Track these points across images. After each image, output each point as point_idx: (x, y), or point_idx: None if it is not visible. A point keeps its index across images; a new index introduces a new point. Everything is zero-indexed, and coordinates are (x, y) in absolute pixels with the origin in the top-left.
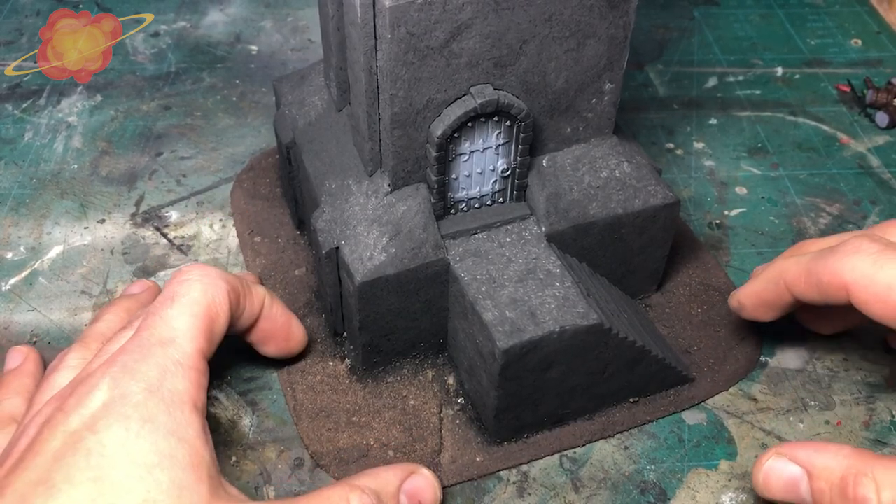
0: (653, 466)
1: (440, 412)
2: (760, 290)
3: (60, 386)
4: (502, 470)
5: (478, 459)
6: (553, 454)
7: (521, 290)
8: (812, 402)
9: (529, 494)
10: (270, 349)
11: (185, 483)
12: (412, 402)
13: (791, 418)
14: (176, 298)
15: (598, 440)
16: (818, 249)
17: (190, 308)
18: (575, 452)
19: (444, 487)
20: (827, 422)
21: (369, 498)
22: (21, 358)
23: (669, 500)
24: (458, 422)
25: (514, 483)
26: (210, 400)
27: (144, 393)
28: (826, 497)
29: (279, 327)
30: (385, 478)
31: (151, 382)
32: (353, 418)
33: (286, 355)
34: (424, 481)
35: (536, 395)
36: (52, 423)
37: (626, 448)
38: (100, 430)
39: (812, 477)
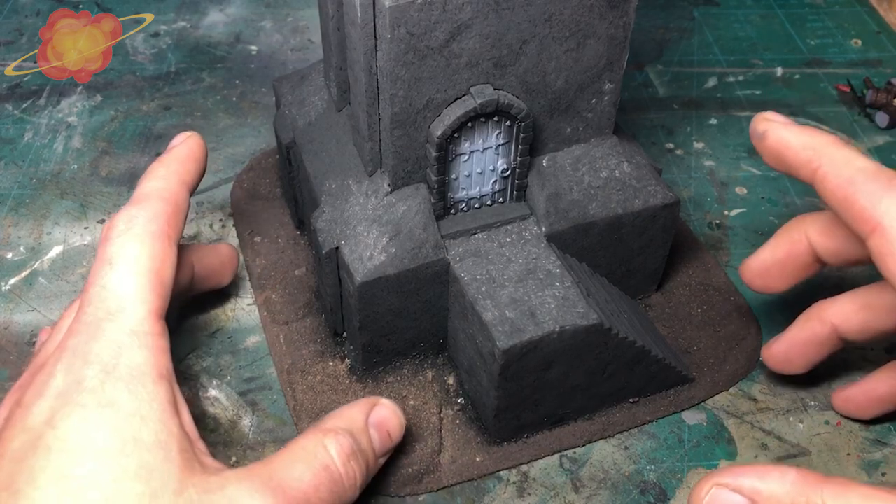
0: (653, 466)
1: (440, 412)
2: (793, 145)
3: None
4: (502, 470)
5: (478, 459)
6: (553, 454)
7: (521, 290)
8: (812, 402)
9: (529, 494)
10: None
11: (154, 464)
12: (412, 403)
13: (791, 418)
14: (113, 261)
15: (598, 440)
16: (868, 163)
17: (130, 267)
18: (575, 452)
19: (444, 487)
20: (827, 422)
21: (344, 439)
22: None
23: (669, 500)
24: (457, 422)
25: (514, 483)
26: (210, 400)
27: (100, 376)
28: None
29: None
30: (351, 415)
31: (106, 363)
32: None
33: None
34: (388, 411)
35: (536, 395)
36: (12, 421)
37: (626, 448)
38: (58, 425)
39: None
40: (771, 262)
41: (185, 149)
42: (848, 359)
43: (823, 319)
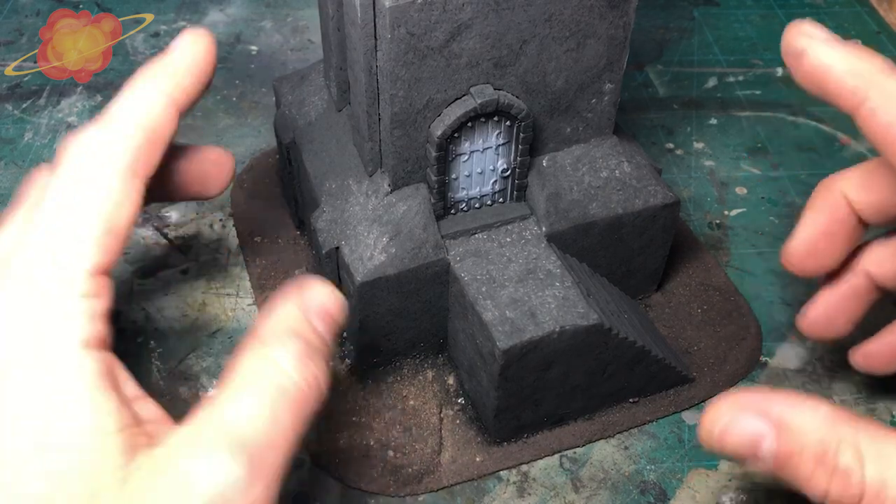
0: (653, 466)
1: (440, 412)
2: (835, 71)
3: None
4: (502, 470)
5: (478, 459)
6: (553, 454)
7: (521, 290)
8: None
9: (529, 494)
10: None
11: (90, 456)
12: (412, 402)
13: None
14: (61, 199)
15: (598, 440)
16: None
17: (78, 216)
18: (575, 452)
19: (444, 487)
20: None
21: (292, 344)
22: None
23: (669, 500)
24: (458, 422)
25: (514, 483)
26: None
27: (19, 360)
28: (795, 460)
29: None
30: (285, 313)
31: (24, 340)
32: (353, 418)
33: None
34: (319, 293)
35: (536, 395)
36: None
37: (626, 448)
38: None
39: (781, 436)
40: (816, 237)
41: (183, 56)
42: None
43: (857, 271)
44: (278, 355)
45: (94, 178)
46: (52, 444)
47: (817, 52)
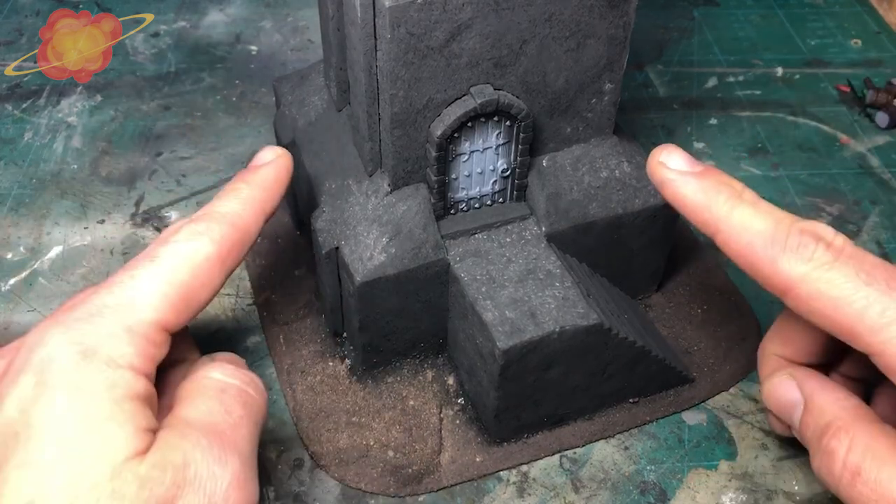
0: (653, 467)
1: (440, 412)
2: (690, 203)
3: None
4: (502, 470)
5: (478, 459)
6: (553, 454)
7: (521, 290)
8: None
9: (529, 495)
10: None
11: (119, 446)
12: (412, 403)
13: None
14: (155, 259)
15: (598, 440)
16: (769, 228)
17: (165, 275)
18: (575, 453)
19: (444, 488)
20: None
21: (222, 366)
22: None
23: (669, 500)
24: (457, 422)
25: (514, 483)
26: None
27: (77, 357)
28: (807, 432)
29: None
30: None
31: (88, 346)
32: (353, 419)
33: None
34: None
35: (536, 396)
36: None
37: (627, 448)
38: (26, 410)
39: (806, 410)
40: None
41: (273, 172)
42: None
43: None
44: (212, 371)
45: (191, 260)
46: (92, 429)
47: (673, 187)
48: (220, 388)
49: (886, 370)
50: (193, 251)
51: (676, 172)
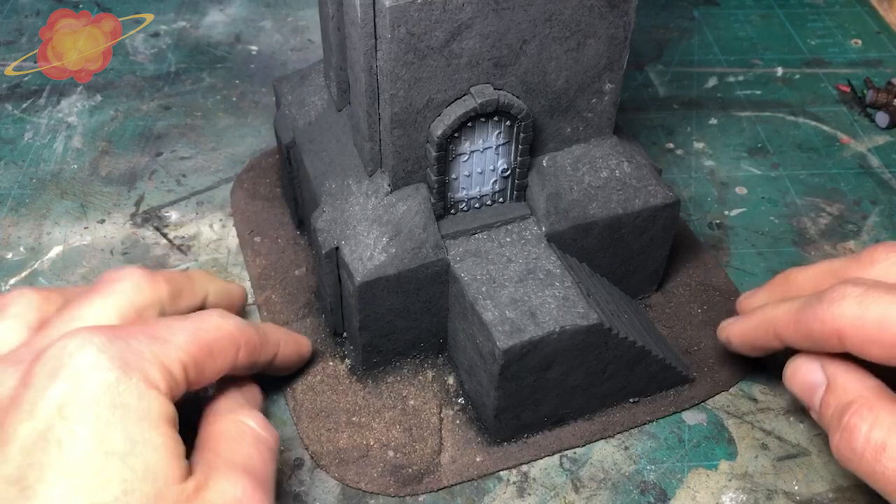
0: (653, 466)
1: (440, 412)
2: (750, 332)
3: (5, 338)
4: (502, 470)
5: (478, 459)
6: (553, 454)
7: (521, 290)
8: None
9: (529, 495)
10: (279, 373)
11: (160, 468)
12: (412, 403)
13: (791, 418)
14: (188, 320)
15: (598, 440)
16: (804, 297)
17: (195, 331)
18: (575, 452)
19: (444, 488)
20: None
21: (251, 413)
22: None
23: (669, 500)
24: (458, 422)
25: (514, 483)
26: (209, 400)
27: (118, 372)
28: (828, 412)
29: (292, 364)
30: (241, 401)
31: (127, 362)
32: (353, 418)
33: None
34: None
35: (536, 396)
36: (18, 403)
37: (627, 448)
38: (69, 416)
39: (828, 390)
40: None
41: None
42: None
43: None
44: (246, 419)
45: (216, 322)
46: (135, 451)
47: (734, 333)
48: (257, 438)
49: None
50: (220, 321)
51: (731, 321)
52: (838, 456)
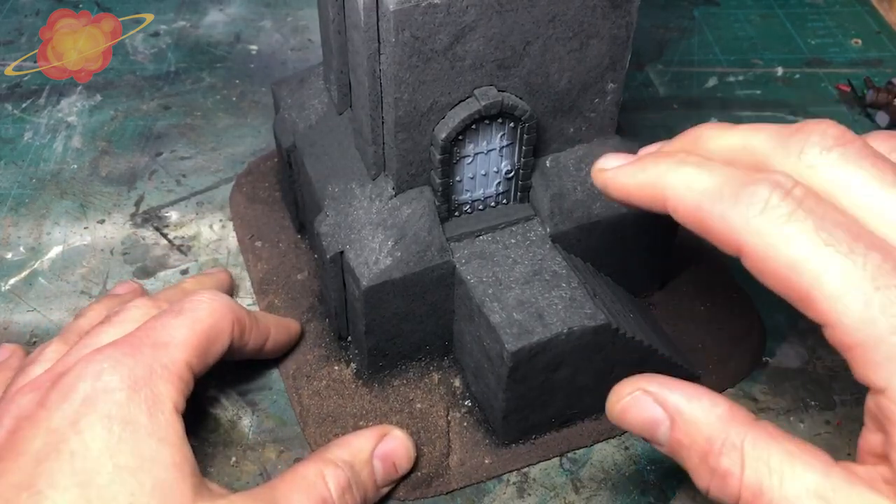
0: (653, 467)
1: (447, 415)
2: (634, 187)
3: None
4: (511, 471)
5: (486, 462)
6: (561, 455)
7: (528, 291)
8: (812, 402)
9: (529, 495)
10: (271, 356)
11: (169, 483)
12: (419, 406)
13: (791, 418)
14: (182, 312)
15: (605, 440)
16: (713, 171)
17: (192, 323)
18: (575, 453)
19: (453, 490)
20: (827, 422)
21: (343, 472)
22: (7, 354)
23: (669, 500)
24: (465, 424)
25: (514, 484)
26: (209, 400)
27: (128, 391)
28: (685, 452)
29: (283, 346)
30: (357, 445)
31: (136, 380)
32: (360, 423)
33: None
34: (396, 442)
35: (544, 397)
36: (34, 420)
37: (627, 448)
38: (82, 430)
39: (675, 426)
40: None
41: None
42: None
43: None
44: (329, 477)
45: (214, 321)
46: (144, 468)
47: (614, 181)
48: (322, 498)
49: (838, 344)
50: (214, 313)
51: (613, 169)
52: (713, 498)
